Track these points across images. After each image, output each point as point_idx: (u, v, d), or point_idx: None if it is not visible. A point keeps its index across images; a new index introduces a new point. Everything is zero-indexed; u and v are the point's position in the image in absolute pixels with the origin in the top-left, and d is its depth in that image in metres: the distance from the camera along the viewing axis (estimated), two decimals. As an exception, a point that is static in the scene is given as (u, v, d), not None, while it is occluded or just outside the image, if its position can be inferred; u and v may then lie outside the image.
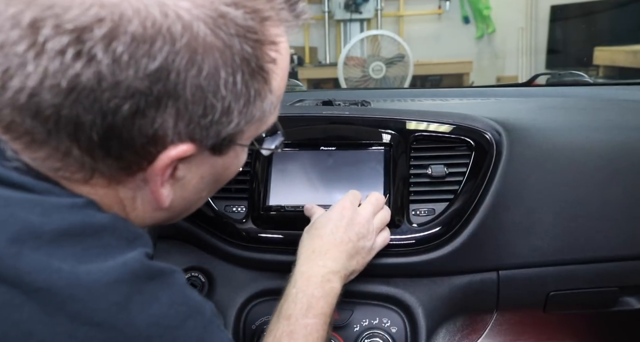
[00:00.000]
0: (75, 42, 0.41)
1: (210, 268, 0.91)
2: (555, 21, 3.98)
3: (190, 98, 0.45)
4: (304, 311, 0.66)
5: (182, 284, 0.50)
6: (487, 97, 1.39)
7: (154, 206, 0.53)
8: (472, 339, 0.90)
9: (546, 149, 0.89)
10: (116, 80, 0.42)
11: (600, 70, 3.10)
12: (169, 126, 0.46)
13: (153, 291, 0.46)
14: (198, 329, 0.48)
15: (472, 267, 0.86)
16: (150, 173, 0.49)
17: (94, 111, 0.43)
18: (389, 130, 0.89)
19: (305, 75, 3.76)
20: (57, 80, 0.42)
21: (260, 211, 0.87)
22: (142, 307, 0.44)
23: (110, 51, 0.42)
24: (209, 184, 0.56)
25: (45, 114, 0.43)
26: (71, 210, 0.46)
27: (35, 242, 0.42)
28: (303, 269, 0.71)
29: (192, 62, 0.44)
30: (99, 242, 0.46)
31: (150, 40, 0.42)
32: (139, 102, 0.44)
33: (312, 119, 0.95)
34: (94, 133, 0.44)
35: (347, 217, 0.75)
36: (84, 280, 0.42)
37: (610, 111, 1.12)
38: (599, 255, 0.85)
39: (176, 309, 0.47)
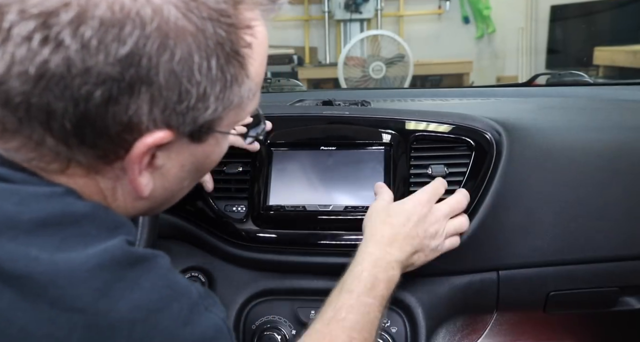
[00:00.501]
0: (42, 27, 0.41)
1: (210, 268, 0.91)
2: (555, 21, 3.98)
3: (164, 84, 0.44)
4: (366, 290, 0.68)
5: (165, 267, 0.49)
6: (487, 97, 1.39)
7: (134, 195, 0.52)
8: (472, 339, 0.90)
9: (546, 149, 0.88)
10: (86, 66, 0.42)
11: (600, 70, 3.10)
12: (143, 113, 0.45)
13: (135, 277, 0.45)
14: (184, 311, 0.47)
15: (472, 267, 0.86)
16: (128, 161, 0.48)
17: (65, 98, 0.42)
18: (389, 130, 0.89)
19: (305, 75, 3.76)
20: (25, 67, 0.41)
21: (260, 211, 0.87)
22: (123, 293, 0.43)
23: (78, 36, 0.41)
24: (191, 173, 0.55)
25: (15, 101, 0.43)
26: (50, 199, 0.45)
27: (12, 232, 0.42)
28: (371, 250, 0.72)
29: (164, 47, 0.43)
30: (79, 230, 0.45)
31: (120, 24, 0.42)
32: (111, 89, 0.43)
33: (312, 119, 0.95)
34: (67, 121, 0.44)
35: (420, 214, 0.75)
36: (63, 267, 0.42)
37: (610, 111, 1.12)
38: (599, 255, 0.85)
39: (159, 292, 0.46)
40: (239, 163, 0.90)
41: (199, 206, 0.89)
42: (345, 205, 0.86)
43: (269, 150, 0.90)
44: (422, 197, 0.77)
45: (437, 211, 0.77)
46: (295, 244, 0.87)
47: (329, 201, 0.86)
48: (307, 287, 0.88)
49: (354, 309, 0.66)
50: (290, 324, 0.87)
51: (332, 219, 0.85)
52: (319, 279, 0.88)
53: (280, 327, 0.86)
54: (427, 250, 0.76)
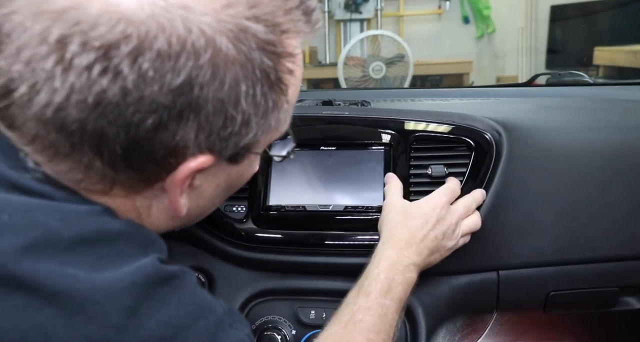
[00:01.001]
0: (102, 58, 0.42)
1: (210, 268, 0.91)
2: (555, 21, 3.98)
3: (212, 111, 0.46)
4: (383, 292, 0.68)
5: (193, 284, 0.50)
6: (487, 97, 1.39)
7: (170, 214, 0.54)
8: (472, 339, 0.90)
9: (546, 149, 0.89)
10: (141, 95, 0.43)
11: (600, 70, 3.09)
12: (190, 138, 0.47)
13: (163, 295, 0.47)
14: (210, 328, 0.49)
15: (472, 267, 0.86)
16: (169, 183, 0.50)
17: (118, 125, 0.44)
18: (389, 130, 0.89)
19: (305, 75, 3.75)
20: (84, 96, 0.43)
21: (260, 211, 0.87)
22: (151, 312, 0.45)
23: (136, 67, 0.42)
24: (223, 191, 0.58)
25: (71, 128, 0.44)
26: (89, 217, 0.47)
27: (52, 250, 0.43)
28: (389, 253, 0.72)
29: (215, 76, 0.45)
30: (114, 249, 0.46)
31: (175, 56, 0.43)
32: (162, 116, 0.44)
33: (312, 119, 0.95)
34: (117, 146, 0.45)
35: (438, 216, 0.76)
36: (99, 285, 0.43)
37: (610, 111, 1.12)
38: (599, 255, 0.85)
39: (186, 309, 0.48)
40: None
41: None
42: (345, 205, 0.86)
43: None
44: (440, 199, 0.77)
45: (454, 213, 0.77)
46: (296, 244, 0.87)
47: (328, 201, 0.86)
48: (307, 287, 0.88)
49: (371, 311, 0.66)
50: (290, 324, 0.87)
51: (332, 219, 0.85)
52: (319, 279, 0.88)
53: (280, 327, 0.86)
54: (443, 251, 0.77)
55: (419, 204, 0.77)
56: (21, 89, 0.43)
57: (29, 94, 0.43)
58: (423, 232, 0.74)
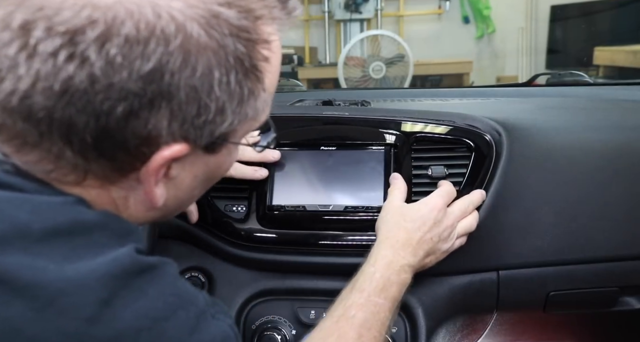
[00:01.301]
0: (68, 44, 0.41)
1: (210, 268, 0.91)
2: (555, 21, 3.98)
3: (184, 98, 0.45)
4: (377, 291, 0.68)
5: (173, 275, 0.49)
6: (487, 97, 1.39)
7: (147, 205, 0.52)
8: (472, 339, 0.90)
9: (546, 149, 0.89)
10: (110, 82, 0.42)
11: (600, 70, 3.10)
12: (162, 127, 0.45)
13: (141, 285, 0.45)
14: (190, 319, 0.47)
15: (472, 267, 0.86)
16: (144, 173, 0.48)
17: (87, 113, 0.43)
18: (389, 130, 0.89)
19: (305, 75, 3.76)
20: (50, 83, 0.42)
21: (260, 211, 0.87)
22: (127, 302, 0.43)
23: (103, 53, 0.41)
24: (202, 182, 0.56)
25: (38, 116, 0.43)
26: (62, 207, 0.46)
27: (22, 242, 0.42)
28: (384, 253, 0.72)
29: (186, 63, 0.44)
30: (89, 239, 0.45)
31: (144, 41, 0.42)
32: (133, 104, 0.43)
33: (313, 119, 0.95)
34: (87, 135, 0.44)
35: (435, 219, 0.76)
36: (71, 276, 0.42)
37: (610, 111, 1.12)
38: (599, 255, 0.85)
39: (165, 300, 0.46)
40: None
41: (199, 206, 0.89)
42: (345, 205, 0.86)
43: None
44: (438, 202, 0.77)
45: (451, 215, 0.78)
46: (296, 244, 0.87)
47: (329, 201, 0.86)
48: (307, 287, 0.88)
49: (364, 308, 0.66)
50: (290, 324, 0.87)
51: (332, 219, 0.85)
52: (319, 279, 0.88)
53: (280, 327, 0.86)
54: (438, 253, 0.77)
55: (417, 206, 0.77)
56: None
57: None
58: (419, 234, 0.74)
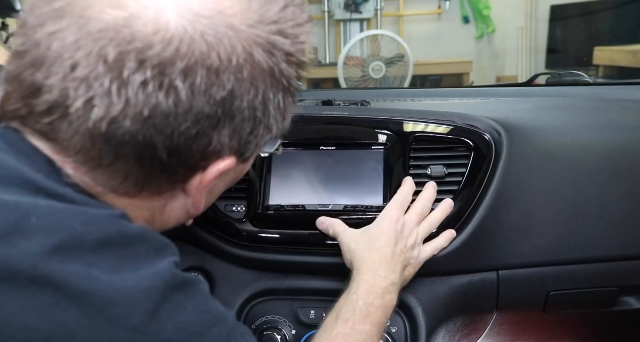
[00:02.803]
0: (159, 75, 0.45)
1: (210, 268, 0.91)
2: (555, 21, 3.98)
3: (245, 118, 0.50)
4: (362, 318, 0.68)
5: (206, 294, 0.52)
6: (487, 97, 1.39)
7: (187, 212, 0.57)
8: (472, 339, 0.90)
9: (546, 149, 0.89)
10: (190, 107, 0.46)
11: (600, 70, 3.10)
12: (224, 144, 0.50)
13: (181, 300, 0.48)
14: (222, 337, 0.50)
15: (472, 267, 0.86)
16: (194, 185, 0.53)
17: (166, 135, 0.47)
18: (389, 130, 0.89)
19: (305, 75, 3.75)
20: (140, 109, 0.45)
21: (260, 211, 0.87)
22: (171, 316, 0.46)
23: (188, 83, 0.46)
24: (226, 188, 0.62)
25: (121, 140, 0.46)
26: (109, 221, 0.48)
27: (78, 251, 0.44)
28: (365, 278, 0.73)
29: (252, 88, 0.49)
30: (132, 251, 0.47)
31: (223, 71, 0.47)
32: (204, 125, 0.48)
33: (312, 119, 0.95)
34: (160, 155, 0.48)
35: (397, 231, 0.77)
36: (120, 287, 0.44)
37: (610, 111, 1.12)
38: (599, 255, 0.85)
39: (202, 317, 0.49)
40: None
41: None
42: (345, 205, 0.86)
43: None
44: (394, 213, 0.79)
45: (409, 223, 0.79)
46: (296, 244, 0.87)
47: (328, 201, 0.86)
48: (307, 287, 0.88)
49: (350, 339, 0.66)
50: (290, 324, 0.87)
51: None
52: (319, 279, 0.88)
53: (280, 327, 0.86)
54: (414, 263, 0.78)
55: (376, 223, 0.79)
56: (77, 104, 0.45)
57: (84, 108, 0.45)
58: (390, 249, 0.75)
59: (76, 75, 0.45)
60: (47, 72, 0.45)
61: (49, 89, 0.45)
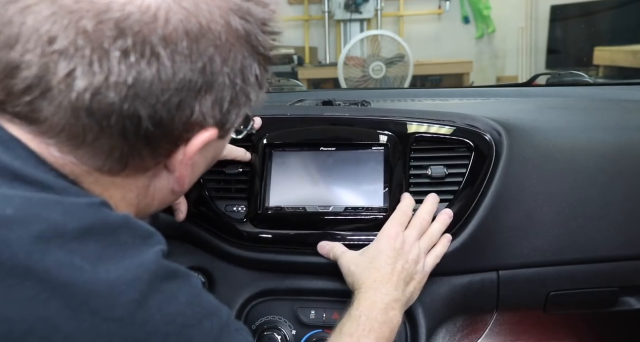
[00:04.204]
0: (140, 43, 0.45)
1: (210, 268, 0.91)
2: (555, 21, 3.98)
3: (225, 85, 0.50)
4: (366, 332, 0.68)
5: (199, 286, 0.51)
6: (487, 97, 1.39)
7: (171, 190, 0.56)
8: (472, 339, 0.90)
9: (546, 149, 0.89)
10: (173, 75, 0.46)
11: (600, 70, 3.10)
12: (206, 113, 0.50)
13: (172, 289, 0.47)
14: (214, 330, 0.49)
15: (472, 267, 0.86)
16: (179, 159, 0.52)
17: (148, 104, 0.46)
18: (389, 131, 0.89)
19: (305, 75, 3.76)
20: (123, 78, 0.45)
21: (260, 211, 0.87)
22: (160, 306, 0.45)
23: (170, 49, 0.46)
24: (207, 166, 0.61)
25: (105, 111, 0.46)
26: (89, 209, 0.47)
27: (59, 240, 0.43)
28: (367, 295, 0.73)
29: (229, 54, 0.49)
30: (116, 239, 0.46)
31: (202, 37, 0.47)
32: (186, 93, 0.47)
33: (312, 120, 0.95)
34: (144, 126, 0.47)
35: (396, 248, 0.77)
36: (104, 277, 0.43)
37: (610, 111, 1.12)
38: (600, 255, 0.85)
39: (193, 309, 0.48)
40: (239, 163, 0.90)
41: (200, 206, 0.89)
42: (345, 206, 0.86)
43: (268, 150, 0.90)
44: (391, 231, 0.79)
45: (409, 238, 0.79)
46: (296, 245, 0.87)
47: (328, 202, 0.86)
48: (307, 287, 0.88)
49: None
50: (290, 324, 0.87)
51: (332, 219, 0.85)
52: (319, 279, 0.88)
53: (280, 327, 0.86)
54: (417, 277, 0.78)
55: (374, 242, 0.79)
56: (58, 77, 0.44)
57: (66, 81, 0.44)
58: (390, 267, 0.75)
59: (55, 48, 0.44)
60: (23, 49, 0.44)
61: (27, 65, 0.44)
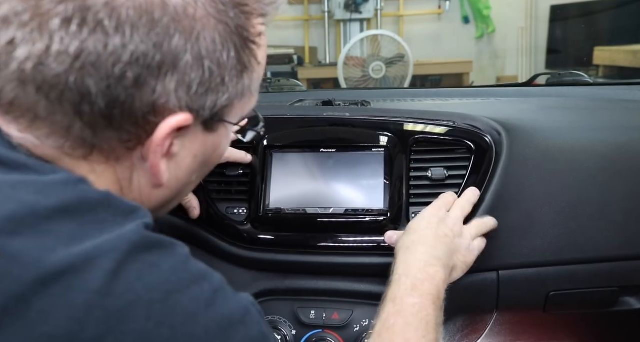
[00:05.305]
0: (81, 9, 0.43)
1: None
2: (555, 21, 3.98)
3: (190, 66, 0.47)
4: (408, 292, 0.66)
5: (185, 254, 0.48)
6: (487, 97, 1.39)
7: (151, 183, 0.53)
8: (472, 339, 0.90)
9: (546, 149, 0.89)
10: (122, 45, 0.44)
11: (600, 70, 3.10)
12: (169, 94, 0.47)
13: (153, 260, 0.45)
14: (205, 294, 0.47)
15: (472, 267, 0.86)
16: (150, 146, 0.49)
17: (99, 78, 0.44)
18: (389, 132, 0.89)
19: (305, 75, 3.75)
20: (65, 47, 0.43)
21: (261, 213, 0.87)
22: (140, 275, 0.43)
23: (114, 17, 0.43)
24: (200, 165, 0.57)
25: (51, 83, 0.44)
26: (66, 186, 0.45)
27: (31, 219, 0.42)
28: (404, 258, 0.71)
29: (192, 30, 0.46)
30: (95, 217, 0.45)
31: (155, 10, 0.44)
32: (142, 69, 0.45)
33: (312, 121, 0.95)
34: (98, 102, 0.45)
35: (439, 217, 0.76)
36: (76, 253, 0.42)
37: (610, 111, 1.12)
38: (599, 255, 0.85)
39: (178, 275, 0.45)
40: (239, 165, 0.90)
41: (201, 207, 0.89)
42: (346, 208, 0.86)
43: (269, 152, 0.90)
44: (434, 205, 0.79)
45: (453, 213, 0.78)
46: (296, 247, 0.87)
47: (329, 204, 0.86)
48: (307, 287, 0.88)
49: (402, 313, 0.65)
50: (290, 324, 0.87)
51: (333, 222, 0.85)
52: (319, 279, 0.88)
53: (280, 327, 0.86)
54: (462, 250, 0.76)
55: (418, 215, 0.79)
56: (0, 43, 0.43)
57: (7, 49, 0.43)
58: (430, 231, 0.74)
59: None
60: None
61: None
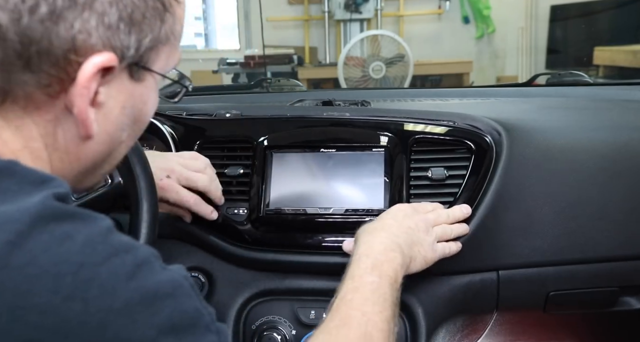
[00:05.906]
0: None
1: (210, 268, 0.91)
2: (555, 21, 3.98)
3: (107, 2, 0.45)
4: (368, 271, 0.66)
5: (106, 227, 0.44)
6: (487, 97, 1.39)
7: (79, 136, 0.49)
8: (472, 339, 0.90)
9: (546, 149, 0.89)
10: None
11: (600, 70, 3.10)
12: (90, 29, 0.45)
13: (64, 230, 0.41)
14: (127, 267, 0.43)
15: (472, 267, 0.86)
16: (75, 91, 0.46)
17: (8, 10, 0.42)
18: (389, 132, 0.89)
19: (305, 75, 3.75)
20: None
21: (262, 214, 0.87)
22: (47, 246, 0.40)
23: None
24: (130, 120, 0.53)
25: None
26: None
27: None
28: (365, 239, 0.72)
29: None
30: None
31: None
32: (56, 2, 0.43)
33: (313, 121, 0.95)
34: (10, 37, 0.42)
35: (405, 211, 0.77)
36: None
37: (610, 111, 1.12)
38: (599, 255, 0.85)
39: (94, 247, 0.42)
40: (239, 165, 0.90)
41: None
42: (346, 208, 0.86)
43: (269, 152, 0.90)
44: (409, 204, 0.80)
45: (426, 215, 0.79)
46: (296, 247, 0.87)
47: (329, 204, 0.86)
48: (307, 287, 0.88)
49: (360, 289, 0.64)
50: (290, 324, 0.87)
51: (333, 222, 0.85)
52: (319, 279, 0.88)
53: (280, 327, 0.86)
54: (425, 244, 0.75)
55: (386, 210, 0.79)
56: None
57: None
58: (394, 221, 0.75)
59: None
60: None
61: None
